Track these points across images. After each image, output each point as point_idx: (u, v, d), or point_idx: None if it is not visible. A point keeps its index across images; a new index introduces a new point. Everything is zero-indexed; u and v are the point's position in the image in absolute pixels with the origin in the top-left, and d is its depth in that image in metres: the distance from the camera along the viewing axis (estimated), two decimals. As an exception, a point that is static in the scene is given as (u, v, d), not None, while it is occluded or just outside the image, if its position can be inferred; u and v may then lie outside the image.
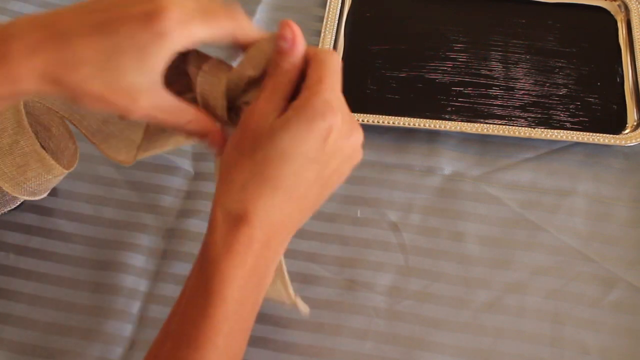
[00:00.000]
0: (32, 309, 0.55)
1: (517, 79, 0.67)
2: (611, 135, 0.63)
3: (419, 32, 0.70)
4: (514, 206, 0.61)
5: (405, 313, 0.56)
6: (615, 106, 0.65)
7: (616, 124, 0.64)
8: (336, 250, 0.58)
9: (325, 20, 0.70)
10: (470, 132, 0.63)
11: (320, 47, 0.67)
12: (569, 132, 0.63)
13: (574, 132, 0.63)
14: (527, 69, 0.68)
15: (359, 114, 0.63)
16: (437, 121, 0.63)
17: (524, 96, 0.66)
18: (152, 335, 0.43)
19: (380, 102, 0.65)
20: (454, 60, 0.68)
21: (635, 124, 0.64)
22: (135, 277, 0.57)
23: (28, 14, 0.52)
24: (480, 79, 0.67)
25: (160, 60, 0.39)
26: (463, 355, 0.54)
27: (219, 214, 0.41)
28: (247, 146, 0.41)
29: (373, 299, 0.56)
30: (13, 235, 0.59)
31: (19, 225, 0.59)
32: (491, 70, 0.67)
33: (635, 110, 0.65)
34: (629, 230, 0.59)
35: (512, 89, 0.66)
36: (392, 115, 0.64)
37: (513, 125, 0.64)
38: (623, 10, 0.71)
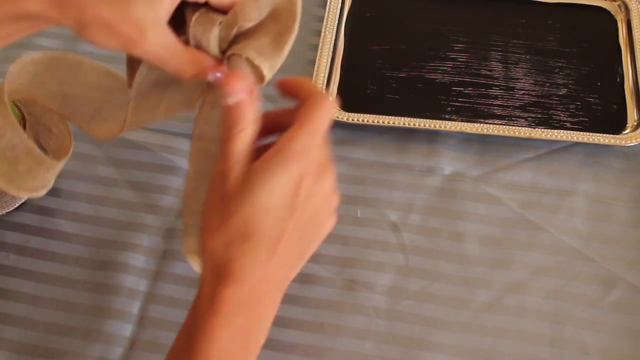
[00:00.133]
0: (32, 309, 0.55)
1: (517, 79, 0.67)
2: (611, 135, 0.63)
3: (419, 32, 0.70)
4: (514, 206, 0.61)
5: (405, 313, 0.56)
6: (615, 106, 0.65)
7: (616, 124, 0.64)
8: (336, 250, 0.58)
9: (325, 20, 0.70)
10: (470, 132, 0.63)
11: (320, 47, 0.67)
12: (569, 132, 0.63)
13: (574, 132, 0.63)
14: (527, 69, 0.68)
15: (359, 114, 0.64)
16: (437, 121, 0.63)
17: (524, 96, 0.66)
18: (152, 335, 0.43)
19: (380, 102, 0.65)
20: (454, 60, 0.68)
21: (635, 124, 0.64)
22: (135, 277, 0.57)
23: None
24: (480, 79, 0.67)
25: None
26: (463, 355, 0.54)
27: (207, 267, 0.41)
28: (224, 208, 0.40)
29: (373, 299, 0.56)
30: (13, 235, 0.59)
31: (18, 225, 0.59)
32: (491, 70, 0.67)
33: (635, 110, 0.65)
34: (629, 230, 0.59)
35: (512, 89, 0.66)
36: (392, 115, 0.64)
37: (513, 125, 0.64)
38: (623, 10, 0.71)
